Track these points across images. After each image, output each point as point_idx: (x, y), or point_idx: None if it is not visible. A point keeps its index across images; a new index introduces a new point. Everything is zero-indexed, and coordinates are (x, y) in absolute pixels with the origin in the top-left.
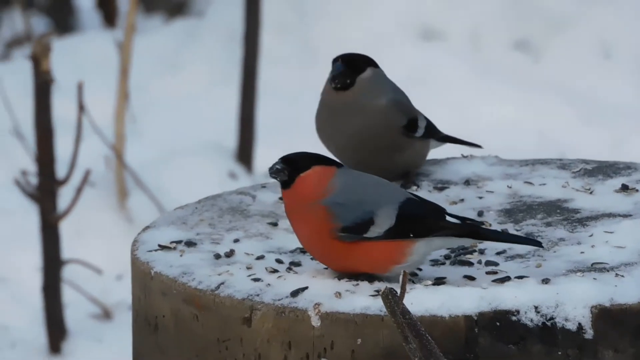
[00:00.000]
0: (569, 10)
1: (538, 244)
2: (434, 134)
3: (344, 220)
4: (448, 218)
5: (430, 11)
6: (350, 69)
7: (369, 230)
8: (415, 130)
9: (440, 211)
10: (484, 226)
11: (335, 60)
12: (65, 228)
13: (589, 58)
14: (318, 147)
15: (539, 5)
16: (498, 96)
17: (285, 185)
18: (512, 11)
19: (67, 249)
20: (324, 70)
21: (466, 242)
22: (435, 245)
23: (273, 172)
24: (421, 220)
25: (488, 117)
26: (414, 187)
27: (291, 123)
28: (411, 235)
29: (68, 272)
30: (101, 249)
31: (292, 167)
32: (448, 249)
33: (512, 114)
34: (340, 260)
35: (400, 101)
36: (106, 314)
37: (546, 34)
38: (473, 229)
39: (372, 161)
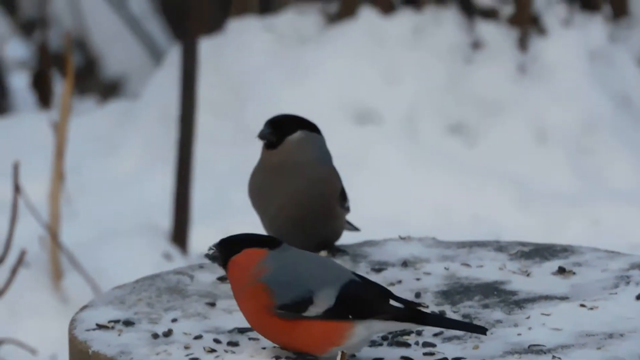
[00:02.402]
0: (504, 95)
1: (482, 331)
2: (348, 210)
3: (281, 298)
4: (393, 302)
5: (366, 92)
6: (277, 129)
7: (308, 309)
8: (345, 200)
9: (384, 294)
10: (421, 308)
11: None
12: (0, 308)
13: (524, 143)
14: (255, 227)
15: (474, 89)
16: (433, 179)
17: (224, 268)
18: (447, 94)
19: (2, 328)
20: (259, 151)
21: (409, 326)
22: (377, 328)
23: (209, 257)
24: (362, 302)
25: (423, 200)
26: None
27: (227, 203)
28: (350, 317)
29: (3, 352)
30: (36, 329)
31: (225, 251)
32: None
33: (447, 198)
34: (279, 336)
35: (336, 171)
36: None
37: (481, 118)
38: (417, 314)
39: (307, 226)
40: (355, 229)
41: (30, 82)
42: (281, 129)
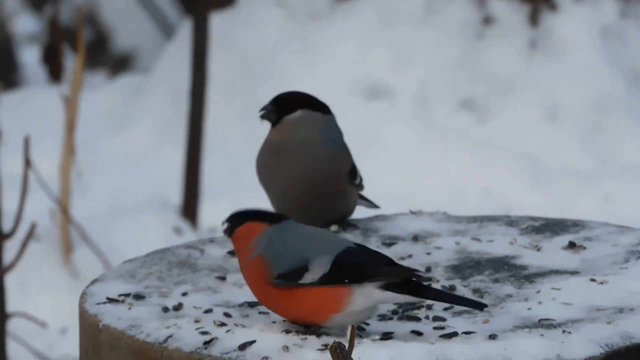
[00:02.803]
0: (516, 72)
1: (481, 307)
2: (361, 187)
3: (277, 267)
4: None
5: (377, 69)
6: (278, 107)
7: (303, 276)
8: (355, 178)
9: (383, 260)
10: (431, 282)
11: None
12: (10, 281)
13: (535, 119)
14: (265, 203)
15: (486, 65)
16: (444, 155)
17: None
18: (458, 71)
19: (12, 302)
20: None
21: (409, 298)
22: (377, 297)
23: (223, 229)
24: (357, 265)
25: (434, 176)
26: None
27: (237, 180)
28: (346, 280)
29: (13, 326)
30: (46, 302)
31: (232, 223)
32: (395, 304)
33: (458, 173)
34: (281, 306)
35: (346, 146)
36: None
37: (492, 94)
38: (415, 282)
39: (313, 205)
40: (375, 205)
41: (41, 57)
42: (282, 107)
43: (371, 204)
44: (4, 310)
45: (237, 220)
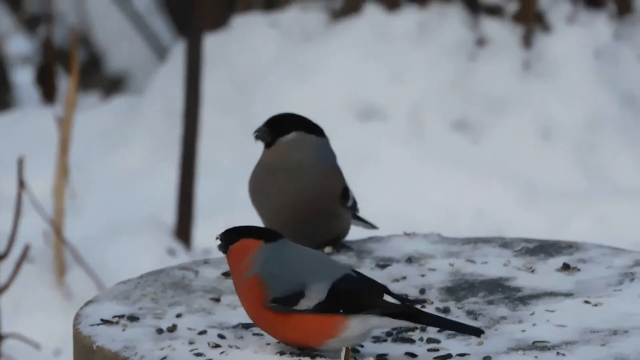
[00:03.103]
0: (509, 92)
1: (477, 333)
2: (355, 209)
3: (274, 291)
4: (388, 298)
5: (371, 90)
6: (273, 129)
7: (299, 303)
8: (347, 199)
9: (379, 289)
10: (425, 304)
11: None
12: (4, 303)
13: (529, 139)
14: (258, 223)
15: (479, 86)
16: (438, 176)
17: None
18: (452, 91)
19: (6, 323)
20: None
21: (405, 324)
22: (373, 323)
23: (217, 246)
24: (354, 296)
25: (428, 197)
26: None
27: (231, 200)
28: (341, 311)
29: (6, 347)
30: (40, 324)
31: (226, 240)
32: None
33: (451, 194)
34: (275, 329)
35: (338, 168)
36: None
37: (486, 115)
38: (411, 311)
39: (306, 226)
40: (373, 226)
41: (35, 78)
42: (276, 129)
43: (369, 225)
44: None
45: (232, 237)
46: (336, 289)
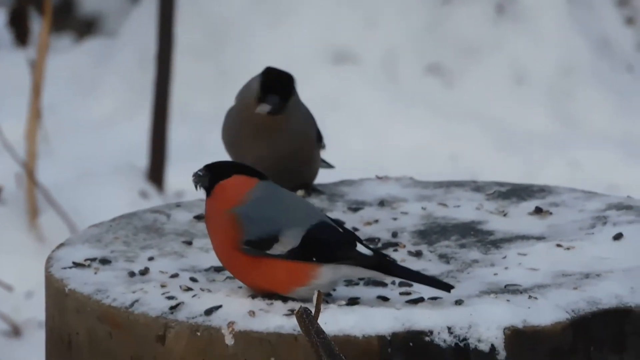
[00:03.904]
0: (483, 36)
1: (447, 288)
2: (324, 146)
3: (248, 233)
4: (360, 248)
5: (344, 34)
6: (283, 99)
7: (272, 247)
8: (320, 140)
9: (351, 240)
10: (398, 248)
11: (266, 85)
12: None
13: (502, 84)
14: None
15: (453, 30)
16: (411, 120)
17: (207, 192)
18: (425, 36)
19: None
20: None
21: (376, 275)
22: (343, 273)
23: (195, 178)
24: (327, 245)
25: (401, 141)
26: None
27: (204, 144)
28: (314, 259)
29: None
30: (11, 266)
31: (213, 174)
32: None
33: (425, 139)
34: (244, 273)
35: (311, 114)
36: (16, 332)
37: (459, 59)
38: (383, 263)
39: (284, 172)
40: (329, 165)
41: (7, 20)
42: (285, 97)
43: (326, 165)
44: None
45: (222, 172)
46: (310, 237)
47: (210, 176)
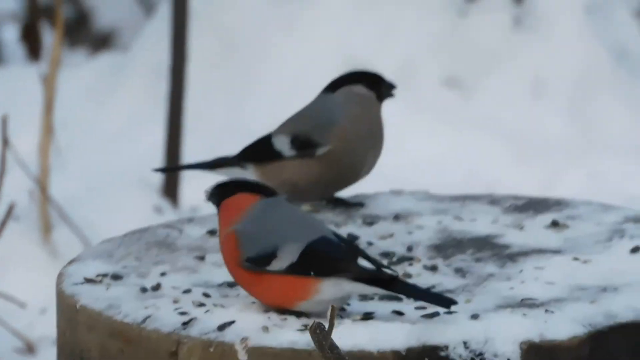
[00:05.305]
0: (501, 47)
1: (448, 304)
2: None
3: (247, 250)
4: (362, 262)
5: (360, 44)
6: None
7: (271, 263)
8: None
9: (354, 253)
10: (413, 262)
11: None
12: None
13: (520, 95)
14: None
15: (470, 41)
16: (428, 133)
17: (217, 210)
18: (442, 47)
19: None
20: (252, 105)
21: (378, 291)
22: (346, 288)
23: (206, 196)
24: (326, 260)
25: (417, 153)
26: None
27: (219, 156)
28: (312, 273)
29: None
30: (25, 282)
31: (220, 192)
32: None
33: (441, 151)
34: (250, 288)
35: None
36: (30, 348)
37: (477, 71)
38: (384, 279)
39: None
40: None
41: (20, 35)
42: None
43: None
44: None
45: (227, 190)
46: (309, 251)
47: (218, 194)
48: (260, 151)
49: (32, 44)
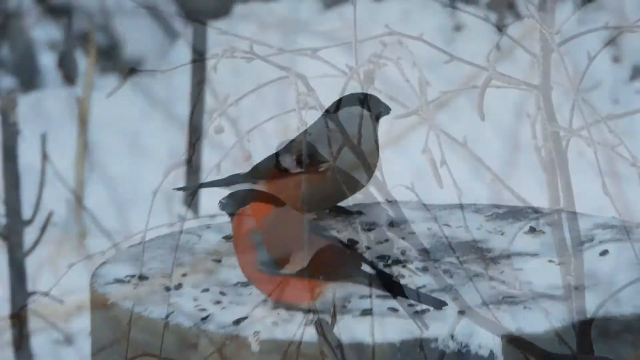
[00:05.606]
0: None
1: (440, 306)
2: None
3: (263, 255)
4: (365, 268)
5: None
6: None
7: (284, 267)
8: None
9: (358, 260)
10: (406, 264)
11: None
12: (30, 264)
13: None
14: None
15: (457, 64)
16: (417, 151)
17: (231, 218)
18: (432, 71)
19: (32, 282)
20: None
21: (380, 292)
22: (350, 290)
23: (220, 205)
24: (332, 266)
25: (407, 168)
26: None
27: (234, 168)
28: (321, 277)
29: (34, 303)
30: (62, 282)
31: (235, 201)
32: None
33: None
34: (265, 288)
35: None
36: (68, 340)
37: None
38: (385, 283)
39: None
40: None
41: (57, 61)
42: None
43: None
44: (25, 289)
45: (242, 200)
46: (318, 258)
47: (232, 204)
48: (269, 168)
49: (67, 70)
